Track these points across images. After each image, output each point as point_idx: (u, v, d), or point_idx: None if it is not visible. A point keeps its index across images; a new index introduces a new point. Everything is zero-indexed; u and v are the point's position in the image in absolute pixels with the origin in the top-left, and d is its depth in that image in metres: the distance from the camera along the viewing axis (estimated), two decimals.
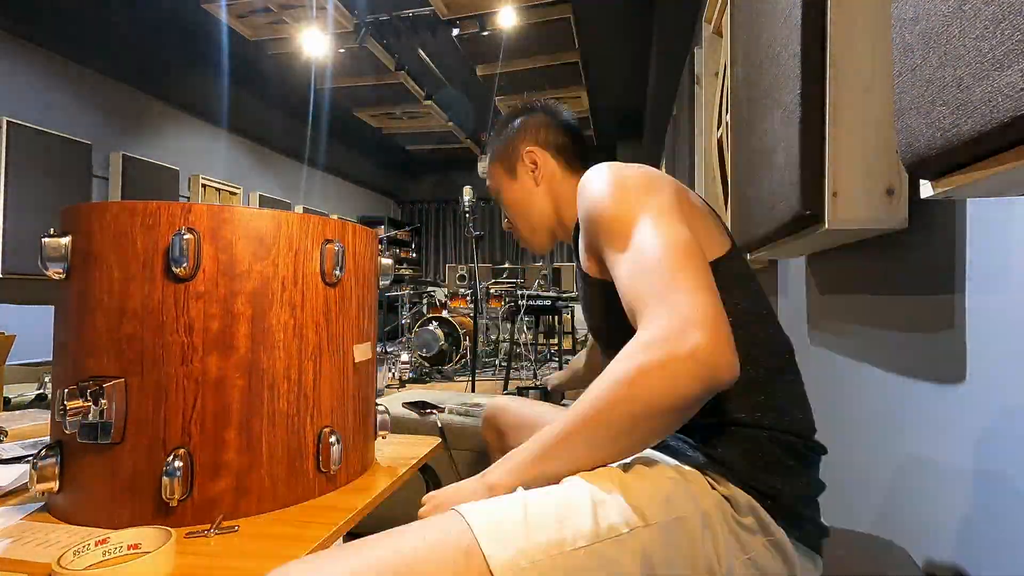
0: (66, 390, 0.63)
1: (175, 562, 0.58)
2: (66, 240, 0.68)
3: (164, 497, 0.65)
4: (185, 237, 0.66)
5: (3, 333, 1.54)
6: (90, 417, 0.63)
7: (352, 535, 1.05)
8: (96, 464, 0.67)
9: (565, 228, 1.01)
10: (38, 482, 0.67)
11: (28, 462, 0.95)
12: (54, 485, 0.68)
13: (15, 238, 3.73)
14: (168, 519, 0.67)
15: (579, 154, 1.04)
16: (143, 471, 0.66)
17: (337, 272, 0.79)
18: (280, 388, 0.73)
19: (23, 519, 0.69)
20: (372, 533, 0.77)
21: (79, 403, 0.63)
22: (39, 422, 1.27)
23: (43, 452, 0.68)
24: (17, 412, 1.45)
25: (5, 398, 1.52)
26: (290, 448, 0.74)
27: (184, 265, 0.66)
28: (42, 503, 0.74)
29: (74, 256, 0.68)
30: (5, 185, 3.67)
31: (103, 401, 0.64)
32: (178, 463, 0.65)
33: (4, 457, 0.95)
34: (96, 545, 0.58)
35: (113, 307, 0.67)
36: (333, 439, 0.77)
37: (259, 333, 0.71)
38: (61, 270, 0.68)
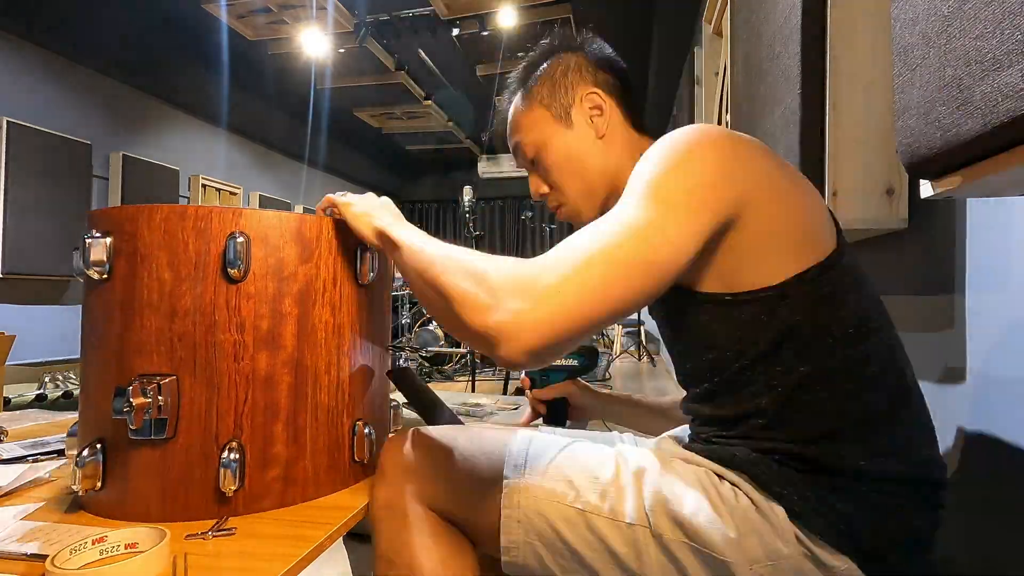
0: (129, 388, 0.64)
1: (171, 562, 0.58)
2: (108, 241, 0.70)
3: (221, 488, 0.68)
4: (239, 240, 0.69)
5: (3, 333, 1.55)
6: (148, 413, 0.66)
7: (355, 535, 1.05)
8: (148, 459, 0.69)
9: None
10: (83, 480, 0.67)
11: (29, 462, 0.95)
12: (98, 483, 0.68)
13: (15, 238, 3.73)
14: (222, 508, 0.69)
15: (639, 109, 0.85)
16: (196, 464, 0.68)
17: (371, 274, 0.82)
18: (322, 383, 0.76)
19: (23, 519, 0.69)
20: (372, 533, 0.77)
21: (142, 400, 0.65)
22: (39, 422, 1.27)
23: (85, 450, 0.68)
24: (17, 412, 1.45)
25: (5, 398, 1.53)
26: (330, 439, 0.77)
27: (239, 267, 0.69)
28: (41, 503, 0.74)
29: (117, 257, 0.70)
30: (5, 185, 3.67)
31: (160, 397, 0.66)
32: (234, 455, 0.68)
33: (4, 457, 0.95)
34: (93, 544, 0.58)
35: (164, 307, 0.69)
36: (367, 430, 0.81)
37: (304, 332, 0.75)
38: (103, 271, 0.69)
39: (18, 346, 1.62)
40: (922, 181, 0.55)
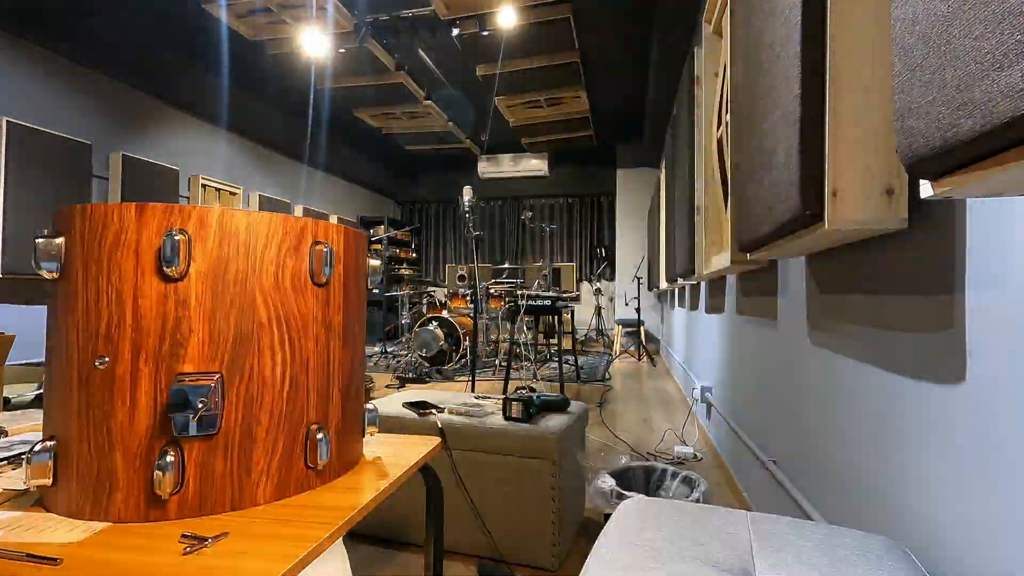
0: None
1: (176, 561, 0.58)
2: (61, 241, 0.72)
3: (156, 491, 0.68)
4: (176, 238, 0.70)
5: (3, 333, 1.54)
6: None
7: (354, 535, 1.04)
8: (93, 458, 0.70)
9: None
10: (34, 477, 0.68)
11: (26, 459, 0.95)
12: (48, 480, 0.69)
13: (15, 238, 3.72)
14: (161, 511, 0.69)
15: None
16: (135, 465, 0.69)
17: (327, 272, 0.82)
18: (277, 387, 0.77)
19: (24, 513, 0.69)
20: (376, 534, 0.76)
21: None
22: (39, 422, 1.27)
23: (38, 447, 0.68)
24: (17, 412, 1.44)
25: (5, 398, 1.52)
26: (284, 445, 0.77)
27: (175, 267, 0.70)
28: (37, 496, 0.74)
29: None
30: (5, 185, 3.66)
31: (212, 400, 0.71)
32: (170, 458, 0.68)
33: (4, 456, 0.95)
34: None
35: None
36: (320, 435, 0.80)
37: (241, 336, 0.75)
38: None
39: (18, 346, 1.62)
40: (922, 181, 0.55)
